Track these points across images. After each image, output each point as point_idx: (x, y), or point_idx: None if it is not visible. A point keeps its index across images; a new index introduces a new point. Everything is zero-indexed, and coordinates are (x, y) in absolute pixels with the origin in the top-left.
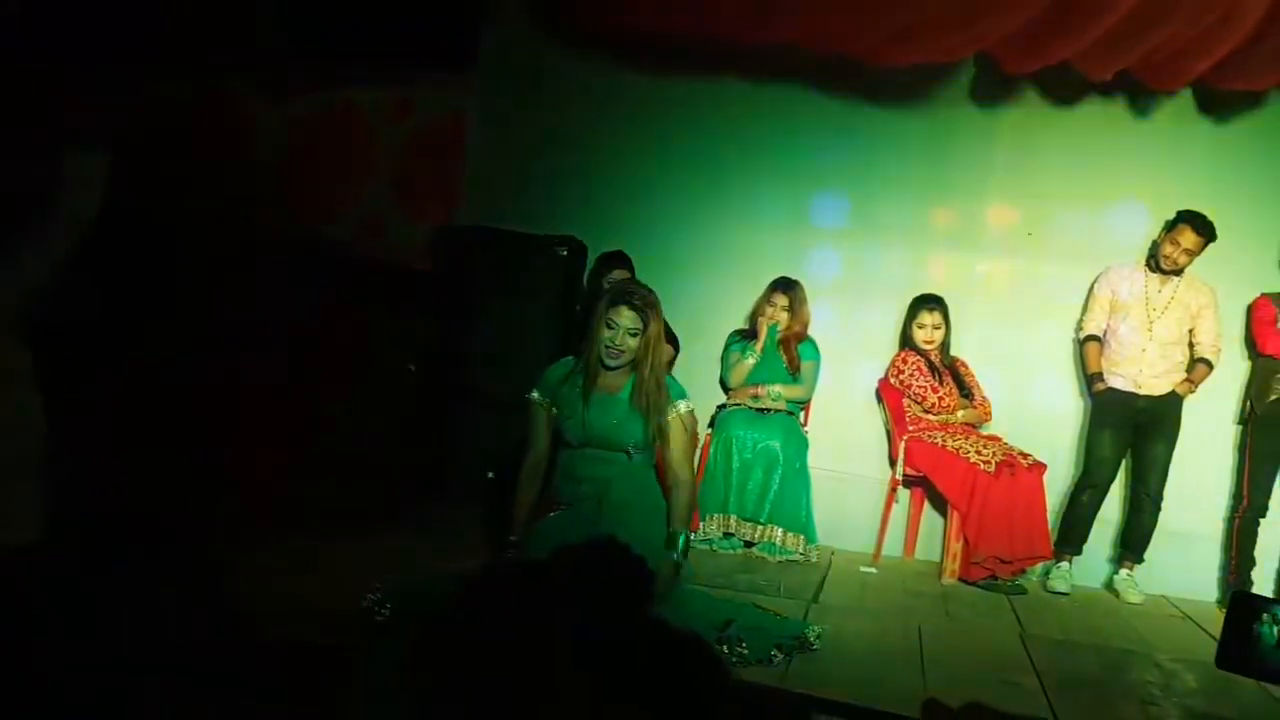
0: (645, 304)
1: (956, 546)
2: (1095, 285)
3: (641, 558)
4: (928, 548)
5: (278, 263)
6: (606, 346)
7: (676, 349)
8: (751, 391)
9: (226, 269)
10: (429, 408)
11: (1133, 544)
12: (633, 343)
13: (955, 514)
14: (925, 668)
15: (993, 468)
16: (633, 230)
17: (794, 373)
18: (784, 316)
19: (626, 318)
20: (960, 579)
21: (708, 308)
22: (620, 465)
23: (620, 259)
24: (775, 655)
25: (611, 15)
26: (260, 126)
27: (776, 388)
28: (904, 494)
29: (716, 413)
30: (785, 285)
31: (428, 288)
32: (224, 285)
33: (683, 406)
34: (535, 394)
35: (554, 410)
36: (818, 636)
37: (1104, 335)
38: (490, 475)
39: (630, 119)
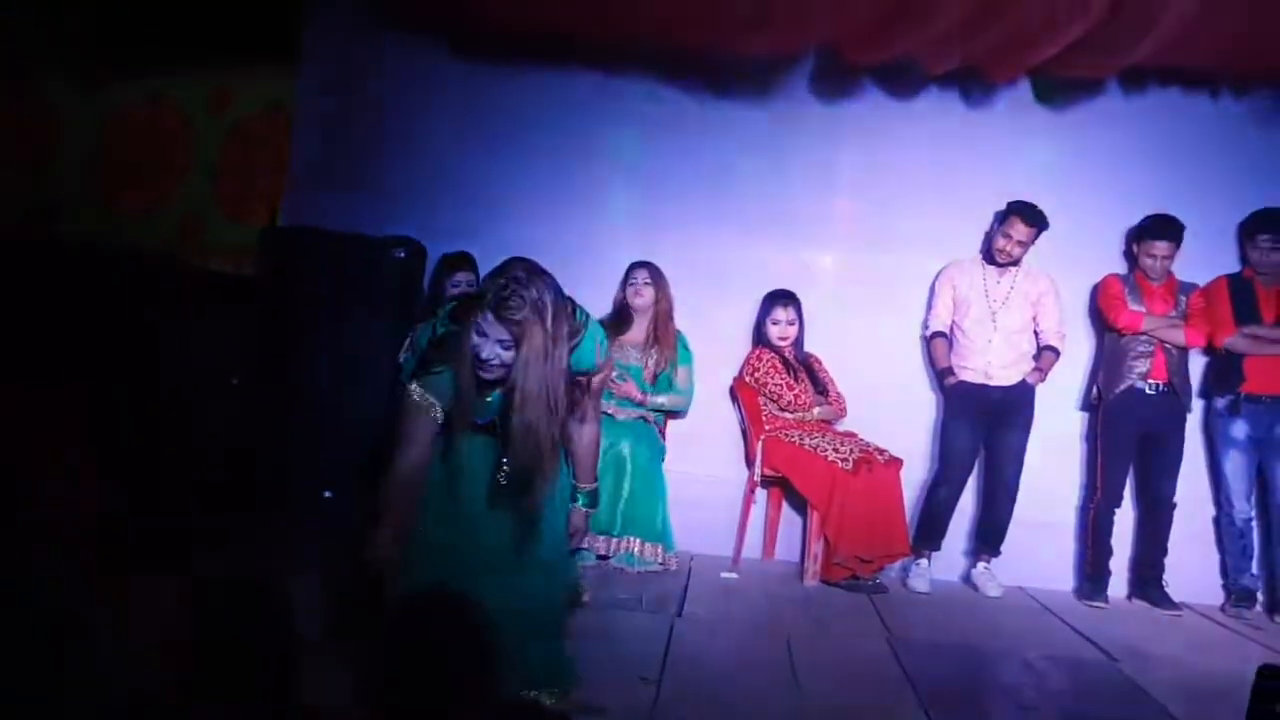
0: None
1: (817, 547)
2: (936, 282)
3: None
4: (787, 549)
5: (88, 265)
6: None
7: None
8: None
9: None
10: (256, 423)
11: (990, 537)
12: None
13: (815, 514)
14: (800, 683)
15: (851, 465)
16: (476, 230)
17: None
18: (649, 292)
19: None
20: (822, 580)
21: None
22: None
23: (464, 261)
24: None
25: (449, 7)
26: (66, 120)
27: (661, 399)
28: (762, 495)
29: None
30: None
31: (252, 292)
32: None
33: None
34: (415, 387)
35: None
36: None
37: (949, 330)
38: (327, 495)
39: (471, 113)
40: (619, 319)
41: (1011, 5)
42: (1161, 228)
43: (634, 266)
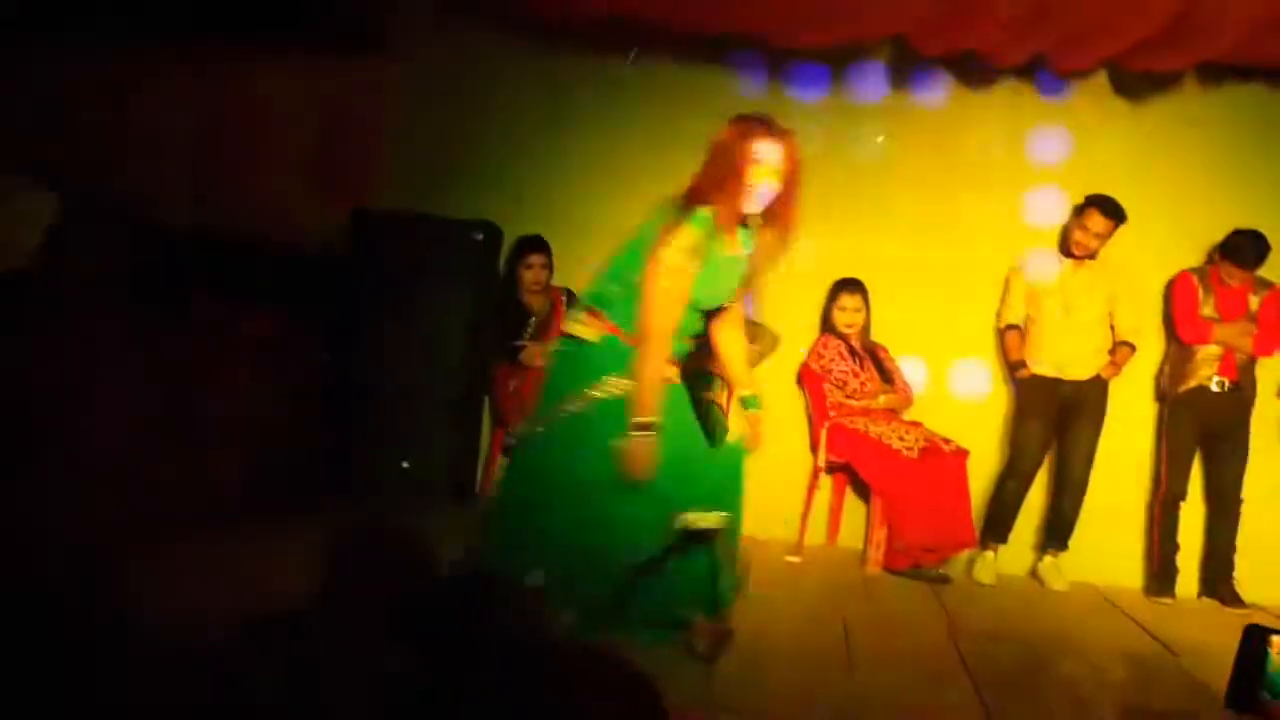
0: None
1: (880, 534)
2: (1012, 274)
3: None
4: (851, 535)
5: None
6: None
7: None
8: None
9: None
10: (345, 397)
11: (1057, 531)
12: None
13: (878, 501)
14: (854, 667)
15: (916, 453)
16: (551, 215)
17: None
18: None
19: None
20: (885, 568)
21: None
22: None
23: (537, 244)
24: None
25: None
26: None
27: None
28: (826, 481)
29: None
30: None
31: (340, 274)
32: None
33: None
34: None
35: None
36: None
37: (1024, 323)
38: (405, 464)
39: (549, 102)
40: None
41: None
42: (1241, 251)
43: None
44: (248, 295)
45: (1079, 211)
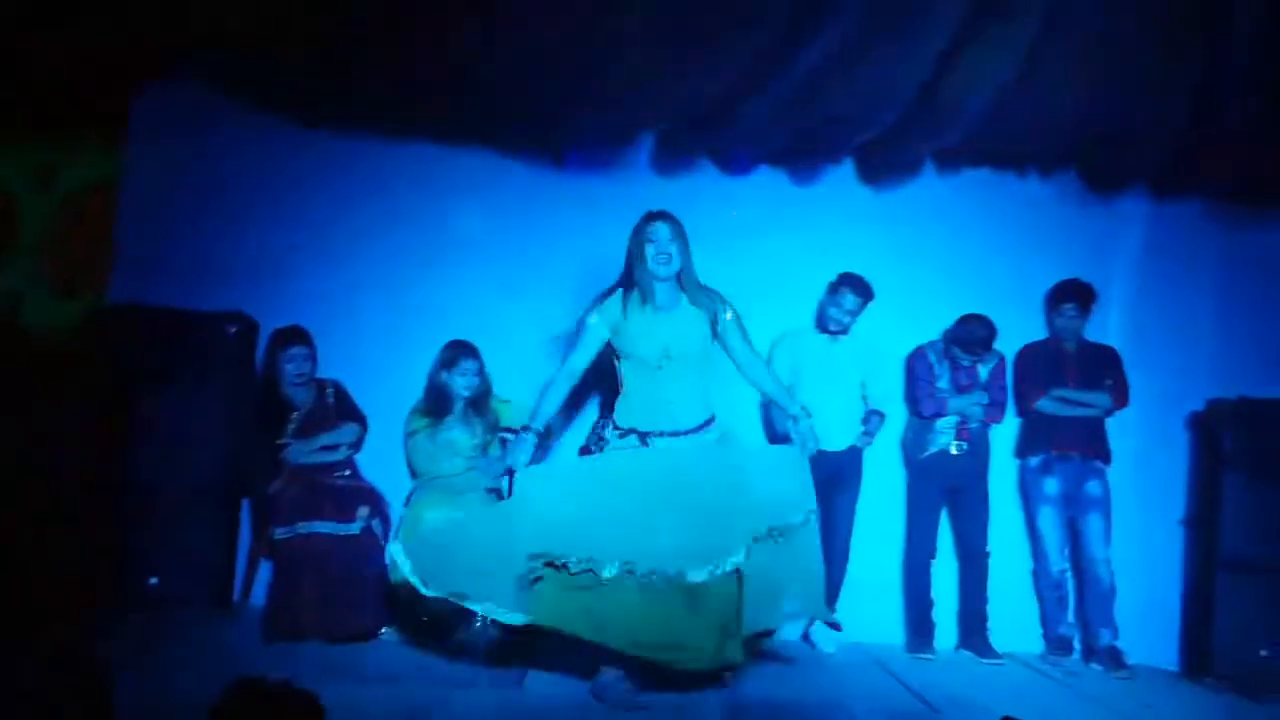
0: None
1: None
2: (774, 349)
3: None
4: None
5: None
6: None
7: (364, 425)
8: None
9: None
10: (83, 505)
11: (826, 595)
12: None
13: None
14: None
15: None
16: (309, 303)
17: None
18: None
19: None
20: None
21: (396, 376)
22: None
23: (297, 335)
24: None
25: (279, 84)
26: None
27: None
28: None
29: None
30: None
31: (78, 371)
32: None
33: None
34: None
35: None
36: None
37: None
38: (154, 581)
39: (303, 187)
40: (439, 401)
41: (823, 92)
42: (970, 337)
43: (460, 349)
44: None
45: (833, 289)
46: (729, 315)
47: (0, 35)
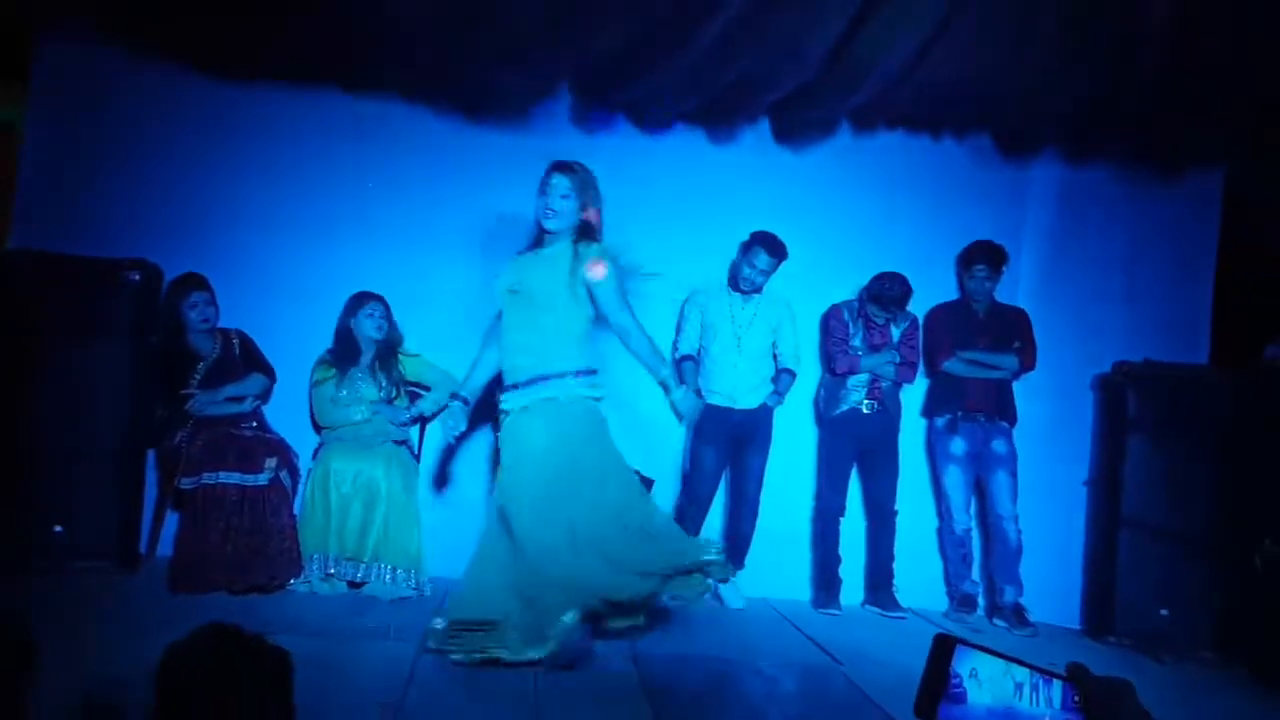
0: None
1: None
2: (685, 307)
3: None
4: None
5: None
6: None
7: (271, 377)
8: None
9: None
10: None
11: (735, 551)
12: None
13: None
14: (543, 711)
15: None
16: (212, 250)
17: None
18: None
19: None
20: None
21: (304, 329)
22: None
23: (196, 282)
24: None
25: (182, 27)
26: None
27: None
28: None
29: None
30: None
31: None
32: None
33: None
34: None
35: None
36: None
37: (697, 354)
38: (58, 529)
39: (206, 133)
40: (347, 349)
41: (735, 56)
42: (886, 294)
43: (366, 295)
44: None
45: (745, 248)
46: (601, 270)
47: None
